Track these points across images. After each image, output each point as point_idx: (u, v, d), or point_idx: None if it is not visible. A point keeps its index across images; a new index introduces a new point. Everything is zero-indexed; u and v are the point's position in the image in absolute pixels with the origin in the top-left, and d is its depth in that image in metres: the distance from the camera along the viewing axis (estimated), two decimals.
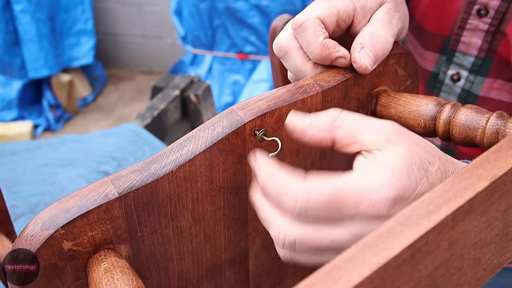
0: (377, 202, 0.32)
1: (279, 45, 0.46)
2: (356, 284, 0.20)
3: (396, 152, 0.33)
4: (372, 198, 0.32)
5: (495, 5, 0.56)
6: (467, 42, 0.60)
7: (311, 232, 0.34)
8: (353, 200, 0.32)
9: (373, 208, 0.32)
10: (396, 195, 0.32)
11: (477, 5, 0.57)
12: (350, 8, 0.44)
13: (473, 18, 0.58)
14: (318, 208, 0.32)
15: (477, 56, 0.60)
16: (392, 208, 0.32)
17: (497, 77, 0.59)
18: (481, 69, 0.60)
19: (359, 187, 0.32)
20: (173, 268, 0.42)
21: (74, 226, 0.34)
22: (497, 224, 0.27)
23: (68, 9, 2.78)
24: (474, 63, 0.60)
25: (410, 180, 0.33)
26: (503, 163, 0.25)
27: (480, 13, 0.57)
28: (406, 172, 0.33)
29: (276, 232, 0.34)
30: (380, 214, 0.32)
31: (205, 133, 0.39)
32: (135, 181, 0.36)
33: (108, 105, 3.06)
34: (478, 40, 0.59)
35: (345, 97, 0.44)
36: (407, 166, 0.33)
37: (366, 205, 0.32)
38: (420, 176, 0.33)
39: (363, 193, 0.32)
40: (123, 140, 1.44)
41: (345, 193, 0.32)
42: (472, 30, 0.59)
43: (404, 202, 0.33)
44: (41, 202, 1.15)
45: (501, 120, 0.40)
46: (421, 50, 0.66)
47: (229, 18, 2.54)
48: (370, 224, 0.33)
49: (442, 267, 0.25)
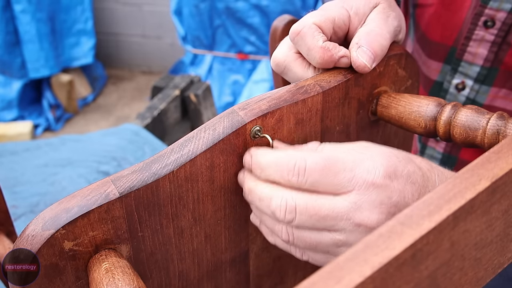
0: (371, 168, 0.35)
1: (277, 61, 0.46)
2: (357, 284, 0.20)
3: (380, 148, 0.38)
4: (366, 164, 0.35)
5: (502, 17, 0.56)
6: (473, 52, 0.60)
7: (311, 199, 0.35)
8: (348, 166, 0.35)
9: (368, 173, 0.34)
10: (388, 167, 0.35)
11: (484, 16, 0.57)
12: (345, 15, 0.45)
13: (479, 29, 0.58)
14: (316, 172, 0.35)
15: (482, 66, 0.60)
16: (388, 179, 0.35)
17: (502, 86, 0.60)
18: (487, 79, 0.60)
19: (353, 156, 0.35)
20: (173, 268, 0.42)
21: (75, 226, 0.34)
22: (498, 224, 0.27)
23: (68, 9, 2.78)
24: (479, 73, 0.61)
25: (399, 158, 0.36)
26: (504, 163, 0.25)
27: (487, 24, 0.58)
28: (394, 154, 0.36)
29: (277, 201, 0.36)
30: (377, 182, 0.34)
31: (206, 133, 0.39)
32: (136, 181, 0.36)
33: (108, 105, 3.06)
34: (484, 51, 0.59)
35: (346, 97, 0.44)
36: (392, 151, 0.37)
37: (361, 169, 0.35)
38: (407, 159, 0.36)
39: (357, 161, 0.35)
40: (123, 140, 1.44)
41: (340, 159, 0.35)
42: (479, 41, 0.59)
43: (399, 179, 0.35)
44: (41, 202, 1.15)
45: (501, 121, 0.40)
46: (425, 58, 0.67)
47: (229, 18, 2.54)
48: (369, 193, 0.34)
49: (443, 267, 0.25)
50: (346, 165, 0.35)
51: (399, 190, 0.35)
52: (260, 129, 0.40)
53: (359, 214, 0.34)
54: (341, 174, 0.35)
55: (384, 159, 0.35)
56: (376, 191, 0.34)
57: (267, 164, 0.37)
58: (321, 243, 0.36)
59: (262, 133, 0.40)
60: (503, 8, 0.56)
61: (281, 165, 0.36)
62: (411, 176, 0.36)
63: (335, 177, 0.35)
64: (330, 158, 0.35)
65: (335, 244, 0.36)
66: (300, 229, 0.37)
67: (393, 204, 0.35)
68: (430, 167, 0.38)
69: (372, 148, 0.37)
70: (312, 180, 0.35)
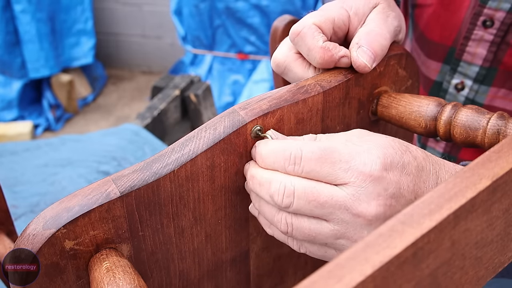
0: (368, 160, 0.35)
1: (277, 61, 0.46)
2: (358, 282, 0.20)
3: (375, 137, 0.38)
4: (362, 157, 0.35)
5: (501, 17, 0.56)
6: (472, 52, 0.60)
7: (309, 184, 0.36)
8: (344, 158, 0.35)
9: (364, 165, 0.35)
10: (384, 158, 0.35)
11: (483, 16, 0.57)
12: (344, 16, 0.45)
13: (478, 29, 0.58)
14: (312, 161, 0.35)
15: (481, 66, 0.60)
16: (384, 171, 0.35)
17: (501, 86, 0.60)
18: (486, 79, 0.60)
19: (349, 148, 0.36)
20: (174, 267, 0.42)
21: (76, 225, 0.34)
22: (498, 223, 0.27)
23: (68, 9, 2.78)
24: (478, 73, 0.61)
25: (395, 148, 0.36)
26: (504, 163, 0.25)
27: (486, 24, 0.58)
28: (390, 144, 0.36)
29: (276, 185, 0.36)
30: (374, 174, 0.34)
31: (207, 133, 0.39)
32: (137, 181, 0.36)
33: (108, 105, 3.06)
34: (483, 51, 0.59)
35: (346, 97, 0.44)
36: (388, 141, 0.37)
37: (358, 161, 0.35)
38: (403, 149, 0.36)
39: (352, 153, 0.35)
40: (123, 140, 1.44)
41: (336, 149, 0.35)
42: (477, 41, 0.59)
43: (394, 171, 0.35)
44: (41, 202, 1.15)
45: (502, 121, 0.40)
46: (424, 58, 0.67)
47: (229, 18, 2.54)
48: (367, 185, 0.35)
49: (443, 266, 0.25)
50: (342, 156, 0.35)
51: (395, 182, 0.35)
52: (260, 128, 0.40)
53: (357, 205, 0.35)
54: (337, 165, 0.35)
55: (380, 151, 0.35)
56: (373, 183, 0.34)
57: (267, 154, 0.38)
58: (320, 234, 0.37)
59: (263, 133, 0.40)
60: (502, 7, 0.56)
61: (278, 154, 0.37)
62: (406, 167, 0.36)
63: (331, 167, 0.35)
64: (326, 149, 0.35)
65: (333, 236, 0.36)
66: (299, 217, 0.37)
67: (389, 196, 0.35)
68: (425, 156, 0.38)
69: (368, 139, 0.38)
70: (308, 169, 0.35)
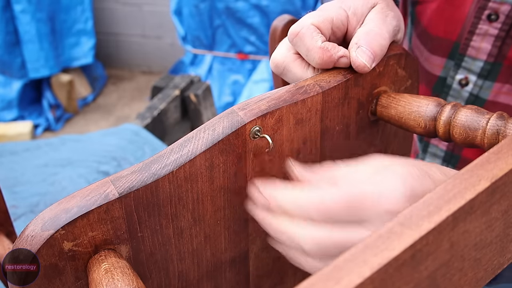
0: (392, 197, 0.34)
1: (276, 62, 0.46)
2: (356, 284, 0.20)
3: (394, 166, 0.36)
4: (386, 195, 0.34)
5: (506, 10, 0.56)
6: (476, 47, 0.60)
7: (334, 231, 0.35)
8: (369, 200, 0.34)
9: (390, 204, 0.34)
10: (406, 191, 0.34)
11: (488, 10, 0.57)
12: (343, 16, 0.45)
13: (483, 23, 0.58)
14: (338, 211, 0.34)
15: (486, 61, 0.60)
16: (407, 203, 0.34)
17: (506, 81, 0.60)
18: (490, 74, 0.60)
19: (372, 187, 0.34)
20: (173, 268, 0.42)
21: (74, 226, 0.34)
22: (497, 224, 0.27)
23: (68, 9, 2.78)
24: (483, 68, 0.60)
25: (414, 176, 0.35)
26: (503, 164, 0.25)
27: (491, 18, 0.57)
28: (409, 172, 0.35)
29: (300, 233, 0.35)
30: (399, 210, 0.34)
31: (206, 133, 0.39)
32: (136, 182, 0.36)
33: (108, 105, 3.06)
34: (487, 45, 0.59)
35: (346, 97, 0.44)
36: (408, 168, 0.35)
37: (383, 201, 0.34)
38: (422, 174, 0.35)
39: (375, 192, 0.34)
40: (123, 140, 1.44)
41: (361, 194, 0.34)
42: (482, 35, 0.59)
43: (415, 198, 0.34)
44: (41, 202, 1.15)
45: (501, 121, 0.40)
46: (428, 54, 0.66)
47: (229, 18, 2.54)
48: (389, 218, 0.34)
49: (442, 268, 0.25)
50: (367, 200, 0.34)
51: None
52: (259, 129, 0.40)
53: None
54: (364, 211, 0.34)
55: (401, 184, 0.34)
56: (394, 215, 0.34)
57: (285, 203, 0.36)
58: None
59: (262, 133, 0.40)
60: (507, 1, 0.55)
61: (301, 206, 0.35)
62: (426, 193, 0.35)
63: (358, 213, 0.34)
64: (351, 195, 0.34)
65: None
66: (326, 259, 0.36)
67: None
68: (444, 177, 0.37)
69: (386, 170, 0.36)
70: (336, 219, 0.35)
